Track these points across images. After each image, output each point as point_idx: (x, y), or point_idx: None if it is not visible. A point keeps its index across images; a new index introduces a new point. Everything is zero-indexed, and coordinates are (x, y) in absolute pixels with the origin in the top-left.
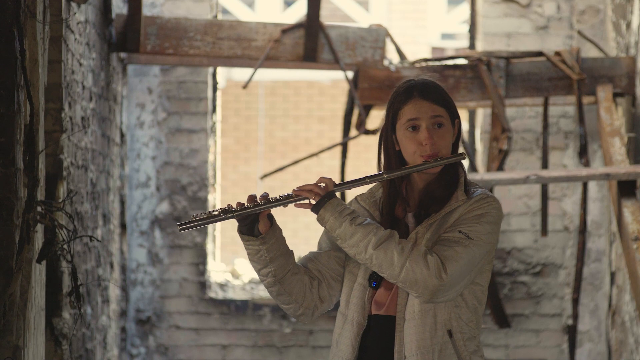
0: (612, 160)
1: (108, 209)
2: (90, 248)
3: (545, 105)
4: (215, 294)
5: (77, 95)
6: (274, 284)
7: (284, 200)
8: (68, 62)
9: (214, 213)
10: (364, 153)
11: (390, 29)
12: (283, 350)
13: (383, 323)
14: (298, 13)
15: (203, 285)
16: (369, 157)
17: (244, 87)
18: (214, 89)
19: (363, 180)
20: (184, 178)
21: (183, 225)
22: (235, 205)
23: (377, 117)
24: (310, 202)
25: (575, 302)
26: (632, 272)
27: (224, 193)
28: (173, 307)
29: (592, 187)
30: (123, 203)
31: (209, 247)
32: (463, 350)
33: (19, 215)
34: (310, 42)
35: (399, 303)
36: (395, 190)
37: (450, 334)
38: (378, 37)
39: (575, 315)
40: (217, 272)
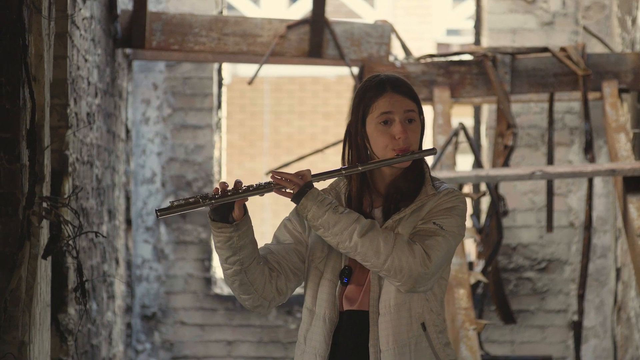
0: (617, 156)
1: (113, 205)
2: (96, 244)
3: (551, 101)
4: (221, 290)
5: (82, 91)
6: (239, 273)
7: (264, 189)
8: (73, 58)
9: (192, 200)
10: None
11: (396, 25)
12: (288, 346)
13: (356, 318)
14: (303, 9)
15: (208, 281)
16: None
17: (250, 83)
18: (219, 85)
19: (339, 172)
20: (189, 174)
21: (162, 212)
22: (213, 192)
23: None
24: (288, 191)
25: (581, 298)
26: (637, 268)
27: None
28: (178, 303)
29: (597, 183)
30: (128, 199)
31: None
32: (436, 343)
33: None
34: (316, 38)
35: (372, 297)
36: (366, 184)
37: (424, 327)
38: (383, 33)
39: (581, 311)
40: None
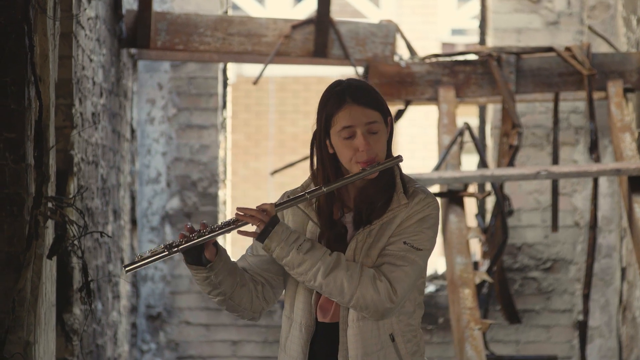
0: (622, 156)
1: (118, 205)
2: (101, 244)
3: (556, 101)
4: None
5: (87, 91)
6: (225, 301)
7: (227, 228)
8: (78, 58)
9: (158, 250)
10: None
11: (401, 25)
12: None
13: (330, 329)
14: (308, 9)
15: None
16: None
17: (255, 82)
18: (224, 85)
19: (303, 197)
20: (195, 174)
21: (129, 267)
22: (179, 238)
23: None
24: (253, 231)
25: (586, 297)
26: None
27: (235, 189)
28: (184, 302)
29: (602, 182)
30: (133, 199)
31: (220, 242)
32: (404, 353)
33: (30, 211)
34: (321, 37)
35: (342, 309)
36: (333, 194)
37: (392, 338)
38: (388, 32)
39: (586, 311)
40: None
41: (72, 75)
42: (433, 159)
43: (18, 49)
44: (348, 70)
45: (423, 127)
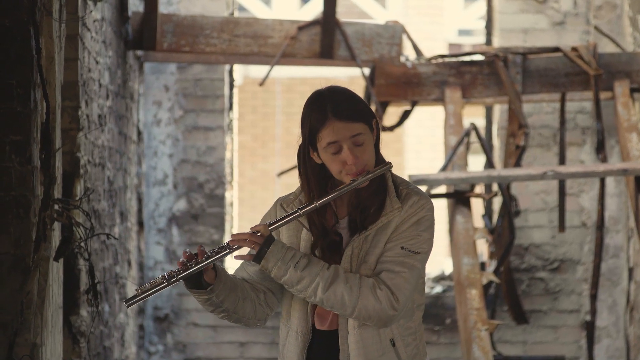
0: (629, 156)
1: (125, 207)
2: (108, 246)
3: (562, 101)
4: None
5: (93, 93)
6: (228, 316)
7: (224, 253)
8: (84, 60)
9: (158, 282)
10: (380, 149)
11: (407, 26)
12: None
13: (327, 336)
14: (314, 10)
15: None
16: (385, 153)
17: (261, 84)
18: (231, 87)
19: (296, 214)
20: (201, 176)
21: (130, 301)
22: (178, 266)
23: (394, 113)
24: (249, 254)
25: (593, 298)
26: None
27: (242, 190)
28: (191, 304)
29: (609, 182)
30: (140, 201)
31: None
32: (405, 357)
33: (36, 213)
34: (327, 39)
35: (341, 316)
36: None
37: (393, 343)
38: (394, 33)
39: (593, 311)
40: (234, 269)
41: (78, 78)
42: (440, 160)
43: (24, 52)
44: (354, 72)
45: (430, 127)
